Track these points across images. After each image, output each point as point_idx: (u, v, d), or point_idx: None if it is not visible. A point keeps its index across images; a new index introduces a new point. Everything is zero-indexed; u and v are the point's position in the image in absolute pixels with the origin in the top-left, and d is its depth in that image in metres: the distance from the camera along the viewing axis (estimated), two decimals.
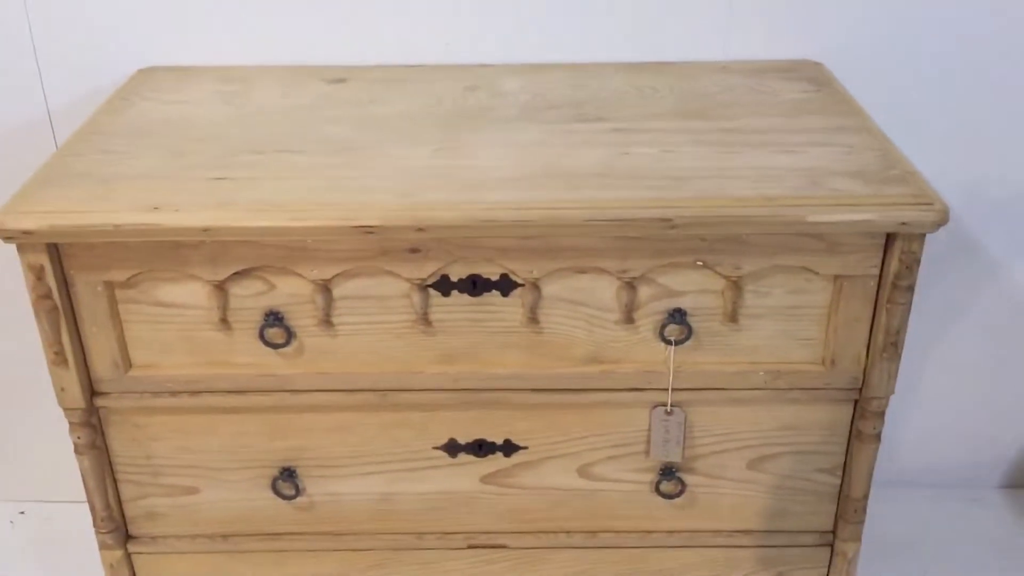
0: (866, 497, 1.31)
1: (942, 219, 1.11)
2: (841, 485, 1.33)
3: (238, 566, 1.40)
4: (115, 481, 1.33)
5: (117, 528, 1.35)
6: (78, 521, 1.79)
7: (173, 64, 1.55)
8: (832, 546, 1.36)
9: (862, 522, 1.33)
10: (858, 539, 1.34)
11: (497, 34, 1.54)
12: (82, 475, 1.30)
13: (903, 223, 1.11)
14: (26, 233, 1.13)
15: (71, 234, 1.14)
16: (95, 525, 1.34)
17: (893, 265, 1.15)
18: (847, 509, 1.32)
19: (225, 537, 1.38)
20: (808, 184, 1.16)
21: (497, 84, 1.47)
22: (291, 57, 1.55)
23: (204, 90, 1.46)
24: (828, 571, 1.38)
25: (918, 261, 1.14)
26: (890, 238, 1.15)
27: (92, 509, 1.33)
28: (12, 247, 1.16)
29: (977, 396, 1.83)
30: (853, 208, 1.12)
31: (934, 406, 1.84)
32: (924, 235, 1.13)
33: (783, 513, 1.35)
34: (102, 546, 1.36)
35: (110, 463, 1.32)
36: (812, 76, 1.47)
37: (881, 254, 1.16)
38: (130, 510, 1.36)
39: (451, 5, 1.53)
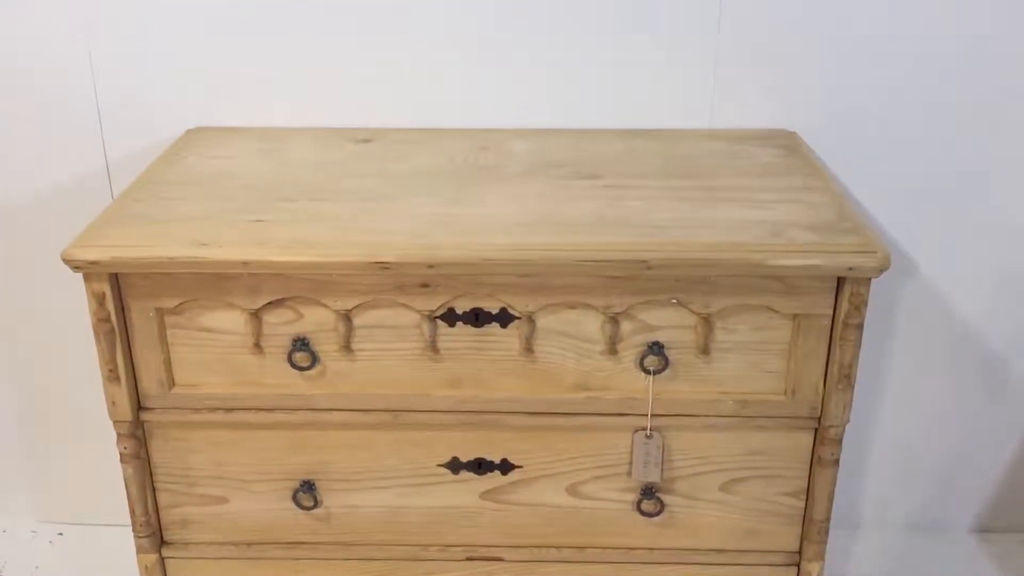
0: (828, 519, 1.39)
1: (884, 265, 1.21)
2: (805, 508, 1.40)
3: (260, 572, 1.48)
4: (154, 490, 1.42)
5: (153, 533, 1.43)
6: (115, 544, 1.86)
7: (219, 125, 1.67)
8: (798, 565, 1.43)
9: (825, 542, 1.40)
10: (821, 558, 1.41)
11: (507, 102, 1.65)
12: (125, 483, 1.39)
13: (850, 268, 1.22)
14: (92, 264, 1.25)
15: (130, 265, 1.26)
16: (134, 530, 1.43)
17: (844, 306, 1.25)
18: (811, 530, 1.39)
19: (249, 545, 1.46)
20: (770, 234, 1.27)
21: (506, 146, 1.57)
22: (323, 120, 1.66)
23: (246, 147, 1.58)
24: None
25: (865, 303, 1.24)
26: (840, 282, 1.25)
27: (132, 515, 1.42)
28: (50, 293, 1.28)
29: (950, 441, 1.88)
30: (806, 254, 1.23)
31: (908, 450, 1.89)
32: (870, 279, 1.23)
33: (753, 533, 1.42)
34: (139, 550, 1.44)
35: (151, 473, 1.41)
36: (785, 143, 1.58)
37: (833, 296, 1.26)
38: (166, 517, 1.44)
39: (466, 75, 1.64)
